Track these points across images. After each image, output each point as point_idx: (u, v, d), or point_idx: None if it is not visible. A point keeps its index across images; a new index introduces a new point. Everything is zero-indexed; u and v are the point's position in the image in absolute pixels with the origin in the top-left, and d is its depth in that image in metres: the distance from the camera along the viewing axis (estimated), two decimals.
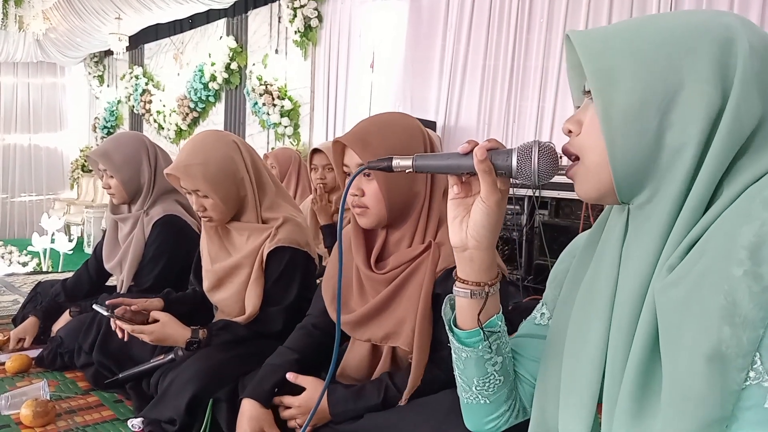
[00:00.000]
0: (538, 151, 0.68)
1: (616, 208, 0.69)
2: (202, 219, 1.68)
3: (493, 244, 0.75)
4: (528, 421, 0.83)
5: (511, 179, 0.72)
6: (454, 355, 0.81)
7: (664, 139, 0.60)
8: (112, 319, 1.57)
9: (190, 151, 1.64)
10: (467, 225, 0.74)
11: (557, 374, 0.72)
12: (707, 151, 0.58)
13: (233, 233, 1.70)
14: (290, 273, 1.63)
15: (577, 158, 0.68)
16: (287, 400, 1.31)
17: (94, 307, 1.61)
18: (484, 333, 0.76)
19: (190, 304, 1.77)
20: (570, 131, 0.68)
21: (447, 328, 0.80)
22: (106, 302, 1.58)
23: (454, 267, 1.20)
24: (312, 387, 1.30)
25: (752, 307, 0.50)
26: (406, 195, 1.24)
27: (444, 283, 1.20)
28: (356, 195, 1.24)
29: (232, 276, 1.67)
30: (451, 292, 0.77)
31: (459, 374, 0.82)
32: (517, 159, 0.69)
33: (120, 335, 1.57)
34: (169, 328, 1.56)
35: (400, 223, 1.27)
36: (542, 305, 0.87)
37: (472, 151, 0.70)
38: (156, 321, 1.57)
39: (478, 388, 0.80)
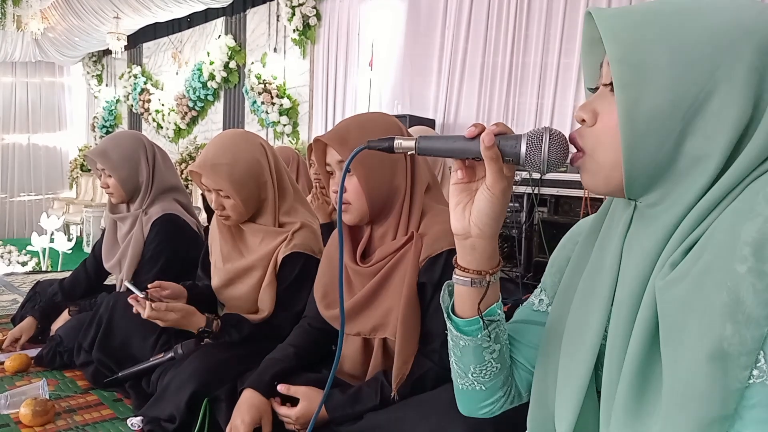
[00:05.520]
0: (549, 139, 0.63)
1: (622, 201, 0.66)
2: (219, 217, 1.67)
3: (496, 232, 0.72)
4: (522, 405, 0.82)
5: (517, 167, 0.68)
6: (450, 343, 0.79)
7: (684, 146, 0.57)
8: (133, 300, 1.58)
9: (217, 149, 1.62)
10: (470, 212, 0.70)
11: (557, 362, 0.71)
12: (729, 161, 0.55)
13: (247, 234, 1.69)
14: (302, 279, 1.63)
15: (583, 150, 0.64)
16: (284, 411, 1.31)
17: (126, 284, 1.63)
18: (483, 322, 0.74)
19: (207, 298, 1.77)
20: (583, 120, 0.64)
21: (445, 315, 0.78)
22: (148, 287, 1.60)
23: (437, 255, 1.23)
24: (306, 397, 1.30)
25: (756, 305, 0.49)
26: (387, 189, 1.25)
27: (428, 272, 1.21)
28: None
29: (243, 277, 1.67)
30: (435, 281, 0.74)
31: (455, 361, 0.80)
32: (526, 147, 0.64)
33: (143, 315, 1.58)
34: (184, 319, 1.58)
35: (384, 218, 1.29)
36: (540, 291, 0.86)
37: (478, 135, 0.66)
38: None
39: (474, 375, 0.78)
